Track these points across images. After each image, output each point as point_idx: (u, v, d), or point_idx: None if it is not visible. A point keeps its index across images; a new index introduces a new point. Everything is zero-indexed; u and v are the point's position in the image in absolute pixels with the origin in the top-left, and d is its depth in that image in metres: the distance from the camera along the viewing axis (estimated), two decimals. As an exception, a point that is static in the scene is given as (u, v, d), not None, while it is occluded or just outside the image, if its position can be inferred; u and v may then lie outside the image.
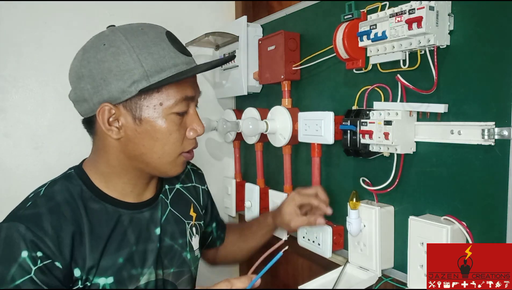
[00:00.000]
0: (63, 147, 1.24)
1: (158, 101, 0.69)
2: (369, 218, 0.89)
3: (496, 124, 0.69)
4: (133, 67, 0.66)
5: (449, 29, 0.76)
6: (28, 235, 0.65)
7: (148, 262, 0.77)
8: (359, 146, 0.88)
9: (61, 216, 0.69)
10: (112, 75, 0.66)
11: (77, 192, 0.73)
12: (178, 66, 0.69)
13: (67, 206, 0.70)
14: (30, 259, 0.64)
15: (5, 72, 1.16)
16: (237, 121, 1.22)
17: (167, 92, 0.69)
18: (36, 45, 1.19)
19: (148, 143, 0.70)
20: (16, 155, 1.18)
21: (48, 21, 1.20)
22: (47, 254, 0.65)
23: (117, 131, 0.70)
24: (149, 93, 0.68)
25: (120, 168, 0.74)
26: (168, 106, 0.69)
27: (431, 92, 0.78)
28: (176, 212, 0.85)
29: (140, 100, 0.69)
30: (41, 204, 0.69)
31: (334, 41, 0.90)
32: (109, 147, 0.73)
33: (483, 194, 0.73)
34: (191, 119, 0.74)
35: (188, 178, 0.94)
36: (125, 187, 0.76)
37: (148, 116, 0.69)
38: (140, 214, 0.78)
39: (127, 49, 0.67)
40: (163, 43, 0.69)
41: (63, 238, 0.67)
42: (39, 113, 1.21)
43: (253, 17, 1.41)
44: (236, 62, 1.28)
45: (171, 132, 0.71)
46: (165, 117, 0.70)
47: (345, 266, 0.95)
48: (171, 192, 0.87)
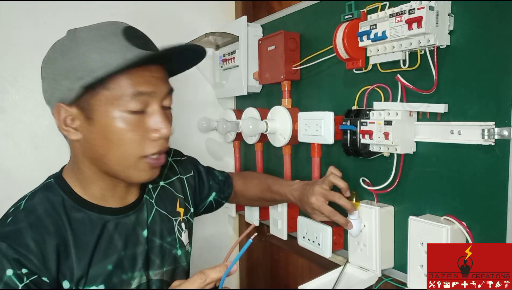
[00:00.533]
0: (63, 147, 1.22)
1: (108, 99, 0.63)
2: (369, 218, 0.89)
3: (496, 124, 0.69)
4: (77, 64, 0.62)
5: (449, 29, 0.76)
6: (11, 253, 0.62)
7: (137, 265, 0.75)
8: (359, 146, 0.88)
9: (43, 230, 0.66)
10: (61, 74, 0.64)
11: (59, 202, 0.70)
12: (127, 60, 0.61)
13: (48, 218, 0.67)
14: (16, 277, 0.61)
15: (5, 72, 1.16)
16: (237, 121, 1.22)
17: (118, 88, 0.63)
18: (36, 45, 1.19)
19: (103, 144, 0.66)
20: (16, 155, 1.18)
21: (48, 21, 1.20)
22: (32, 270, 0.63)
23: (74, 132, 0.67)
24: (97, 91, 0.63)
25: (91, 173, 0.71)
26: (119, 104, 0.63)
27: (431, 92, 0.78)
28: (162, 210, 0.83)
29: (90, 98, 0.64)
30: (21, 219, 0.66)
31: (334, 41, 0.90)
32: (75, 151, 0.71)
33: (483, 194, 0.73)
34: (153, 119, 0.67)
35: (172, 172, 0.90)
36: (104, 193, 0.73)
37: (99, 116, 0.64)
38: (126, 218, 0.75)
39: (74, 46, 0.64)
40: (113, 38, 0.64)
41: (47, 252, 0.65)
42: (39, 113, 1.21)
43: (253, 17, 1.40)
44: (236, 62, 1.28)
45: (124, 132, 0.65)
46: (118, 116, 0.64)
47: (345, 266, 0.95)
48: (155, 190, 0.84)
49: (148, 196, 0.82)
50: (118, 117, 0.64)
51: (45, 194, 0.70)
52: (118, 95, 0.63)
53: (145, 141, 0.67)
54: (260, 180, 1.05)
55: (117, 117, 0.64)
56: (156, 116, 0.67)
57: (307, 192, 0.90)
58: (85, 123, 0.66)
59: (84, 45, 0.63)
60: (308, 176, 1.09)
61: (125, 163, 0.67)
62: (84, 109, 0.65)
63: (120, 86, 0.63)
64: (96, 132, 0.65)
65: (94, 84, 0.62)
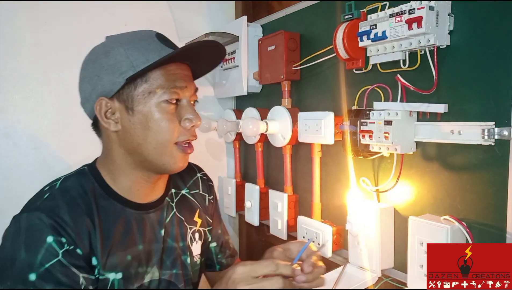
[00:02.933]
0: (63, 147, 1.24)
1: (147, 90, 0.71)
2: (369, 218, 0.89)
3: (496, 124, 0.69)
4: (120, 60, 0.70)
5: (449, 29, 0.76)
6: (51, 222, 0.67)
7: (152, 261, 0.79)
8: (359, 146, 0.88)
9: (78, 208, 0.71)
10: (104, 70, 0.71)
11: (90, 188, 0.75)
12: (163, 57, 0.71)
13: (81, 200, 0.73)
14: (56, 243, 0.66)
15: (5, 72, 1.16)
16: (237, 121, 1.22)
17: (155, 81, 0.71)
18: (36, 45, 1.19)
19: (142, 133, 0.72)
20: (16, 155, 1.18)
21: (48, 21, 1.20)
22: (69, 241, 0.68)
23: (114, 124, 0.73)
24: (138, 83, 0.71)
25: (124, 165, 0.76)
26: (157, 95, 0.71)
27: (431, 92, 0.78)
28: (180, 215, 0.87)
29: (131, 91, 0.72)
30: (57, 196, 0.72)
31: (334, 41, 0.90)
32: (111, 143, 0.76)
33: (483, 194, 0.73)
34: (185, 110, 0.75)
35: (195, 185, 0.95)
36: (132, 185, 0.77)
37: (139, 106, 0.72)
38: (146, 215, 0.79)
39: (116, 46, 0.72)
40: (150, 39, 0.73)
41: (81, 228, 0.70)
42: (39, 113, 1.21)
43: (253, 17, 1.41)
44: (236, 62, 1.28)
45: (161, 120, 0.72)
46: (156, 106, 0.72)
47: (345, 266, 0.95)
48: (177, 196, 0.88)
49: (170, 199, 0.86)
50: (155, 107, 0.72)
51: (78, 179, 0.76)
52: (156, 87, 0.71)
53: (179, 129, 0.74)
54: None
55: (155, 107, 0.72)
56: (188, 108, 0.75)
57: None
58: (125, 114, 0.73)
59: (126, 45, 0.71)
60: (308, 176, 1.09)
61: (161, 149, 0.73)
62: (125, 101, 0.72)
63: (158, 80, 0.71)
64: (135, 122, 0.72)
65: (136, 77, 0.70)
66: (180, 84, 0.73)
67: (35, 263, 0.65)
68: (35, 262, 0.65)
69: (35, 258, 0.65)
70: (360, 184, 0.94)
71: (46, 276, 0.65)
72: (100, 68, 0.71)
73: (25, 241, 0.66)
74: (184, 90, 0.74)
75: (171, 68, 0.73)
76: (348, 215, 0.93)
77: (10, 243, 0.68)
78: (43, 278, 0.65)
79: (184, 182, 0.92)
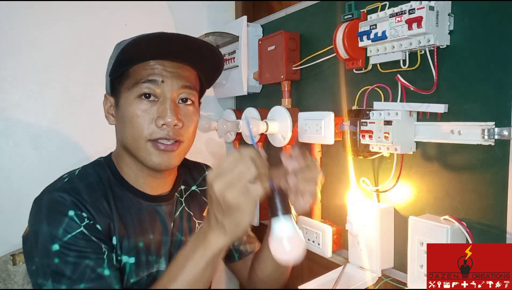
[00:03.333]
0: (63, 147, 1.23)
1: (127, 86, 0.73)
2: (369, 218, 0.88)
3: (496, 124, 0.69)
4: (112, 58, 0.76)
5: (449, 29, 0.76)
6: (72, 199, 0.70)
7: (161, 252, 0.80)
8: (359, 146, 0.88)
9: (96, 192, 0.74)
10: (107, 70, 0.78)
11: (105, 177, 0.78)
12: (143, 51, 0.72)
13: (98, 186, 0.75)
14: (77, 217, 0.69)
15: (5, 72, 1.16)
16: (237, 121, 1.22)
17: (134, 76, 0.73)
18: (36, 45, 1.19)
19: (122, 127, 0.75)
20: (16, 155, 1.18)
21: (48, 21, 1.20)
22: (89, 216, 0.70)
23: (112, 118, 0.78)
24: (122, 80, 0.74)
25: (125, 158, 0.79)
26: (133, 90, 0.72)
27: (431, 92, 0.78)
28: (189, 210, 0.88)
29: (117, 86, 0.76)
30: (77, 181, 0.74)
31: (334, 41, 0.90)
32: (116, 136, 0.80)
33: (483, 194, 0.73)
34: (161, 107, 0.72)
35: (205, 182, 0.96)
36: (137, 178, 0.79)
37: (121, 101, 0.75)
38: (157, 206, 0.81)
39: (117, 46, 0.77)
40: (141, 37, 0.70)
41: (100, 208, 0.72)
42: (39, 113, 1.21)
43: (253, 17, 1.40)
44: (236, 62, 1.28)
45: (134, 115, 0.72)
46: (131, 101, 0.73)
47: (345, 266, 0.95)
48: (187, 192, 0.90)
49: (179, 194, 0.88)
50: (133, 101, 0.73)
51: (95, 169, 0.79)
52: (134, 82, 0.72)
53: (150, 127, 0.72)
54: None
55: (132, 102, 0.73)
56: (164, 105, 0.73)
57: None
58: (115, 109, 0.77)
59: (122, 44, 0.73)
60: (308, 176, 1.09)
61: (135, 144, 0.74)
62: (116, 97, 0.76)
63: (136, 74, 0.73)
64: (119, 117, 0.75)
65: (121, 74, 0.74)
66: (155, 78, 0.72)
67: (57, 234, 0.67)
68: (57, 233, 0.67)
69: (57, 230, 0.67)
70: (360, 184, 0.94)
71: (69, 246, 0.67)
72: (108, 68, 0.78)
73: (47, 215, 0.68)
74: (161, 86, 0.72)
75: (150, 63, 0.72)
76: (348, 215, 0.92)
77: (33, 223, 0.70)
78: (67, 247, 0.66)
79: (194, 179, 0.94)
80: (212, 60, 0.80)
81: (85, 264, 0.67)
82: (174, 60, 0.75)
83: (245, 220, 0.57)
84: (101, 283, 0.67)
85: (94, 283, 0.66)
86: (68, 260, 0.66)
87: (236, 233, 0.59)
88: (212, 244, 0.60)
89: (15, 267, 1.12)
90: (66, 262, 0.66)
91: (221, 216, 0.58)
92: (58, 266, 0.66)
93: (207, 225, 0.61)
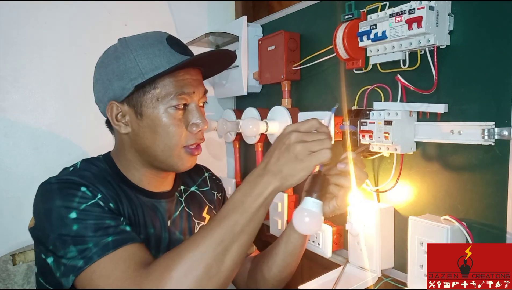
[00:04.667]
0: (63, 147, 1.24)
1: (155, 97, 0.73)
2: (369, 218, 0.89)
3: (496, 124, 0.69)
4: (130, 67, 0.72)
5: (449, 29, 0.76)
6: (82, 181, 0.70)
7: (161, 247, 0.80)
8: (359, 146, 0.88)
9: (102, 179, 0.75)
10: (115, 76, 0.74)
11: (106, 171, 0.78)
12: (172, 64, 0.73)
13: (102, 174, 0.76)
14: (90, 192, 0.69)
15: (5, 72, 1.16)
16: (237, 121, 1.22)
17: (164, 87, 0.73)
18: (36, 45, 1.19)
19: (150, 136, 0.75)
20: (16, 155, 1.18)
21: (48, 21, 1.20)
22: (102, 195, 0.70)
23: (124, 126, 0.76)
24: (146, 90, 0.73)
25: (135, 161, 0.79)
26: (164, 101, 0.73)
27: (431, 92, 0.78)
28: (189, 210, 0.89)
29: (140, 96, 0.74)
30: (82, 170, 0.76)
31: (334, 41, 0.90)
32: (123, 142, 0.79)
33: (483, 194, 0.73)
34: (192, 115, 0.77)
35: (204, 183, 0.98)
36: (143, 179, 0.80)
37: (148, 111, 0.74)
38: (157, 203, 0.82)
39: (126, 52, 0.73)
40: (160, 44, 0.74)
41: (109, 192, 0.73)
42: (39, 113, 1.21)
43: (253, 17, 1.41)
44: (236, 62, 1.28)
45: (169, 125, 0.74)
46: (164, 111, 0.74)
47: (345, 266, 0.95)
48: (186, 192, 0.91)
49: (179, 194, 0.88)
50: (163, 113, 0.74)
51: (95, 162, 0.79)
52: (164, 94, 0.73)
53: (186, 134, 0.76)
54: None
55: (163, 113, 0.74)
56: (195, 113, 0.77)
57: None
58: (134, 118, 0.75)
59: (135, 51, 0.73)
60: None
61: (169, 152, 0.76)
62: (134, 106, 0.74)
63: (166, 86, 0.73)
64: (144, 126, 0.75)
65: (145, 84, 0.72)
66: (188, 90, 0.75)
67: (72, 205, 0.66)
68: (72, 204, 0.66)
69: (72, 202, 0.66)
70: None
71: (86, 212, 0.66)
72: (111, 73, 0.74)
73: (59, 192, 0.67)
74: (192, 96, 0.76)
75: (179, 75, 0.74)
76: (348, 215, 0.92)
77: (42, 204, 0.68)
78: (84, 214, 0.65)
79: (193, 180, 0.95)
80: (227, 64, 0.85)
81: (106, 223, 0.66)
82: (196, 67, 0.78)
83: (301, 173, 0.62)
84: (128, 236, 0.66)
85: (121, 236, 0.65)
86: (88, 224, 0.65)
87: (289, 181, 0.62)
88: (266, 185, 0.62)
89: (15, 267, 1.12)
90: (86, 226, 0.64)
91: (283, 161, 0.62)
92: (78, 231, 0.64)
93: (262, 169, 0.64)
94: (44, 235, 0.67)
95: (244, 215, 0.61)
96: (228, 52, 0.79)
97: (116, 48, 0.76)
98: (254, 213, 0.62)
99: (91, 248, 0.63)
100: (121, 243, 0.64)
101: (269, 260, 0.87)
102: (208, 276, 0.59)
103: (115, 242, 0.64)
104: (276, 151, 0.64)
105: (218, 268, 0.59)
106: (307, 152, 0.62)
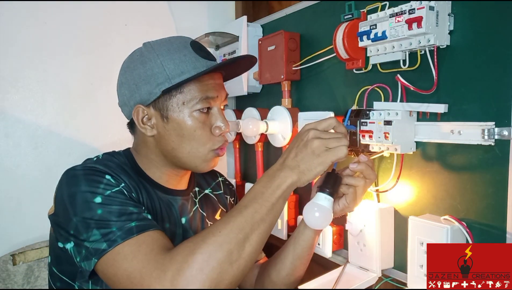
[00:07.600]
0: (63, 147, 1.24)
1: (181, 101, 0.76)
2: (369, 218, 0.89)
3: (496, 124, 0.69)
4: (157, 72, 0.74)
5: (449, 29, 0.76)
6: (107, 170, 0.72)
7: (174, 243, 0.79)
8: (359, 146, 0.88)
9: (124, 171, 0.77)
10: (141, 80, 0.75)
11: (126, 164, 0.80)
12: (197, 69, 0.75)
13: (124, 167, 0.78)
14: (115, 180, 0.71)
15: (5, 72, 1.16)
16: (237, 121, 1.22)
17: (189, 92, 0.76)
18: (36, 45, 1.19)
19: (176, 139, 0.77)
20: (16, 155, 1.18)
21: (48, 21, 1.20)
22: (125, 185, 0.73)
23: (150, 129, 0.78)
24: (173, 94, 0.75)
25: (157, 161, 0.81)
26: (190, 105, 0.76)
27: (431, 92, 0.78)
28: (203, 211, 0.90)
29: (166, 100, 0.76)
30: (105, 161, 0.77)
31: (334, 41, 0.90)
32: (147, 143, 0.81)
33: (483, 194, 0.73)
34: (215, 117, 0.79)
35: (218, 187, 1.00)
36: (162, 176, 0.82)
37: (174, 114, 0.76)
38: (173, 200, 0.83)
39: (153, 57, 0.75)
40: (185, 50, 0.76)
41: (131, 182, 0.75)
42: (39, 113, 1.21)
43: (253, 17, 1.41)
44: (236, 62, 1.28)
45: (195, 128, 0.76)
46: (189, 115, 0.76)
47: (345, 266, 0.95)
48: (200, 194, 0.93)
49: (193, 195, 0.90)
50: (189, 116, 0.76)
51: (116, 156, 0.82)
52: (190, 98, 0.76)
53: (211, 136, 0.78)
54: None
55: (188, 116, 0.76)
56: (218, 116, 0.79)
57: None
58: (160, 121, 0.77)
59: (162, 56, 0.75)
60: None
61: (196, 154, 0.78)
62: (160, 109, 0.77)
63: (191, 90, 0.76)
64: (170, 129, 0.77)
65: (171, 89, 0.74)
66: (212, 94, 0.77)
67: (97, 191, 0.68)
68: (97, 190, 0.68)
69: (97, 187, 0.68)
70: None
71: (111, 198, 0.67)
72: (138, 78, 0.76)
73: (84, 178, 0.69)
74: (215, 99, 0.78)
75: (204, 79, 0.76)
76: (348, 215, 0.92)
77: (67, 189, 0.69)
78: (109, 199, 0.67)
79: (207, 183, 0.97)
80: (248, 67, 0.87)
81: (130, 210, 0.67)
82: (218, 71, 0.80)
83: (318, 168, 0.66)
84: (150, 223, 0.67)
85: (144, 222, 0.67)
86: (112, 209, 0.66)
87: (306, 175, 0.66)
88: (284, 179, 0.66)
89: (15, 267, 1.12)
90: (110, 211, 0.66)
91: (301, 156, 0.66)
92: (102, 215, 0.65)
93: (281, 164, 0.68)
94: (65, 219, 0.68)
95: (264, 205, 0.64)
96: (251, 57, 0.81)
97: (141, 52, 0.77)
98: (274, 203, 0.65)
99: (115, 232, 0.64)
100: (144, 229, 0.65)
101: (278, 264, 0.88)
102: (229, 261, 0.60)
103: (138, 227, 0.65)
104: (294, 147, 0.68)
105: (239, 254, 0.61)
106: (324, 148, 0.66)
